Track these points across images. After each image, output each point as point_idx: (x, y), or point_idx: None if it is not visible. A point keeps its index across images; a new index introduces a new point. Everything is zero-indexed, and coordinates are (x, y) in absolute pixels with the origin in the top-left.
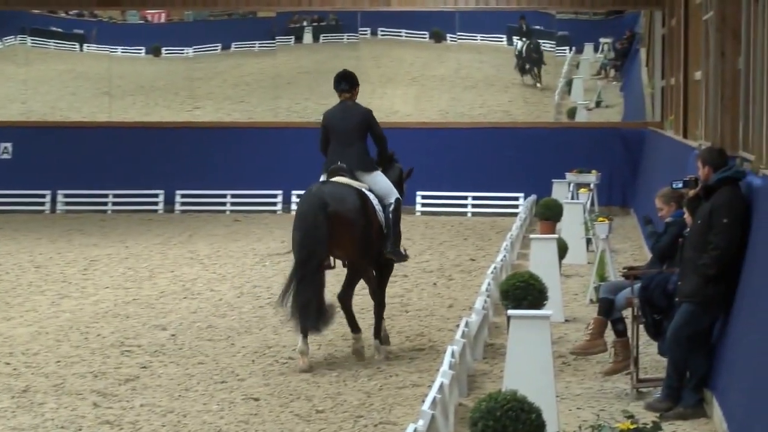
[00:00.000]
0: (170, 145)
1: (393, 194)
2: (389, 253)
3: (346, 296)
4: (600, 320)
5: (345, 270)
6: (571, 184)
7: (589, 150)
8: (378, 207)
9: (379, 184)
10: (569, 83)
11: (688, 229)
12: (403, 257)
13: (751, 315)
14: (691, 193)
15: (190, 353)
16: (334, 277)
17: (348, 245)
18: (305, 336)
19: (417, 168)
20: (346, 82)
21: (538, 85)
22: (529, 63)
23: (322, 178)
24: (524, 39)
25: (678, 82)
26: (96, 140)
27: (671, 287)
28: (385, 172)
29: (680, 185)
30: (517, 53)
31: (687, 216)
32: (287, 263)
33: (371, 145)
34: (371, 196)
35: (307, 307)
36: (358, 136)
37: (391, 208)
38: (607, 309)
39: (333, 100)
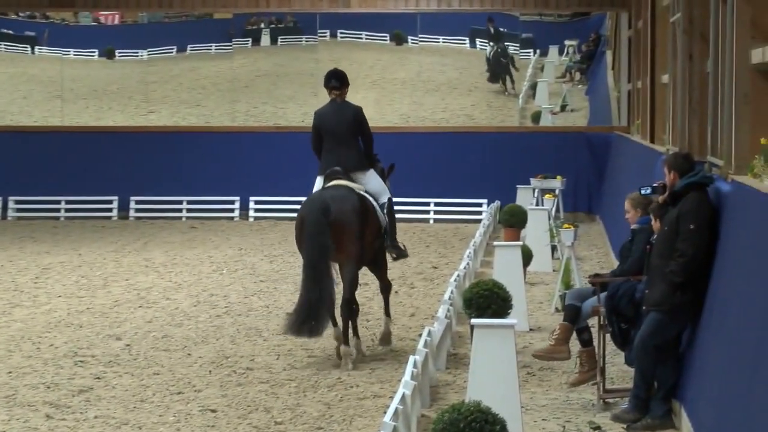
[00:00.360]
0: (124, 151)
1: (386, 193)
2: (390, 249)
3: (350, 304)
4: (566, 326)
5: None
6: (536, 190)
7: (554, 155)
8: (377, 206)
9: (373, 182)
10: (534, 87)
11: (655, 236)
12: (404, 253)
13: (720, 324)
14: (660, 199)
15: (145, 364)
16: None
17: (350, 248)
18: (336, 324)
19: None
20: (337, 80)
21: (506, 93)
22: (498, 69)
23: (319, 180)
24: (492, 44)
25: (645, 86)
26: (48, 145)
27: (638, 296)
28: None
29: (649, 191)
30: (486, 59)
31: (654, 223)
32: (244, 271)
33: None
34: (369, 198)
35: (320, 307)
36: (351, 135)
37: (386, 207)
38: (574, 315)
39: (291, 104)
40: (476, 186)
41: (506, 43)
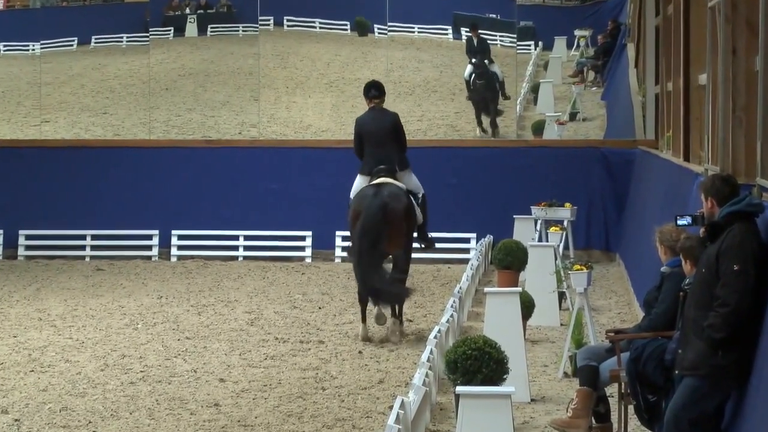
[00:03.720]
0: (11, 171)
1: (420, 189)
2: (421, 240)
3: (402, 285)
4: (585, 392)
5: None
6: (539, 222)
7: (562, 176)
8: (415, 204)
9: (411, 180)
10: (535, 89)
11: (688, 281)
12: (432, 242)
13: None
14: (701, 232)
15: None
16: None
17: (402, 239)
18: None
19: (334, 199)
20: (376, 89)
21: (479, 133)
22: (476, 97)
23: (360, 178)
24: (474, 61)
25: (677, 88)
26: None
27: (669, 357)
28: None
29: (687, 222)
30: (465, 81)
31: (684, 265)
32: (165, 326)
33: None
34: (410, 196)
35: (378, 289)
36: (391, 138)
37: (420, 202)
38: (593, 378)
39: (224, 111)
40: (462, 216)
41: (487, 60)
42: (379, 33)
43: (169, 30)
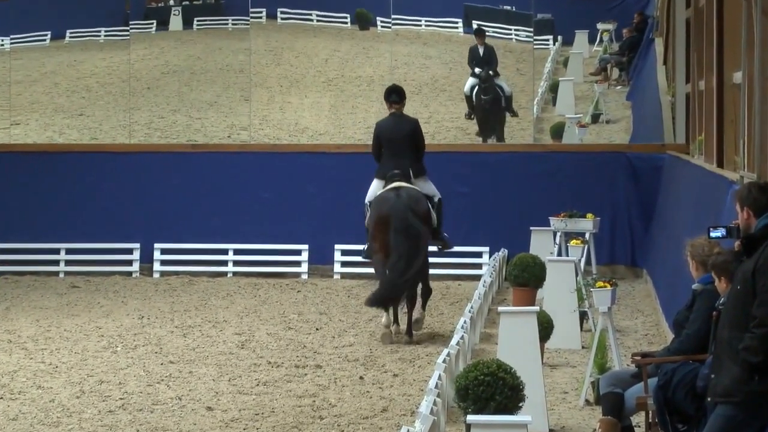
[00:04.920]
0: None
1: (437, 194)
2: (437, 241)
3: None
4: (609, 422)
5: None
6: (558, 234)
7: (584, 184)
8: (431, 208)
9: (427, 185)
10: (554, 88)
11: (722, 300)
12: (449, 244)
13: None
14: (736, 245)
15: None
16: None
17: (424, 240)
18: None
19: (332, 211)
20: (397, 95)
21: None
22: (479, 113)
23: (376, 182)
24: (479, 71)
25: (710, 87)
26: None
27: (701, 384)
28: None
29: (722, 234)
30: (466, 95)
31: (718, 283)
32: (147, 348)
33: None
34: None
35: (403, 289)
36: (409, 144)
37: (436, 206)
38: (617, 406)
39: (212, 112)
40: (474, 228)
41: (493, 71)
42: (382, 26)
43: (152, 23)
